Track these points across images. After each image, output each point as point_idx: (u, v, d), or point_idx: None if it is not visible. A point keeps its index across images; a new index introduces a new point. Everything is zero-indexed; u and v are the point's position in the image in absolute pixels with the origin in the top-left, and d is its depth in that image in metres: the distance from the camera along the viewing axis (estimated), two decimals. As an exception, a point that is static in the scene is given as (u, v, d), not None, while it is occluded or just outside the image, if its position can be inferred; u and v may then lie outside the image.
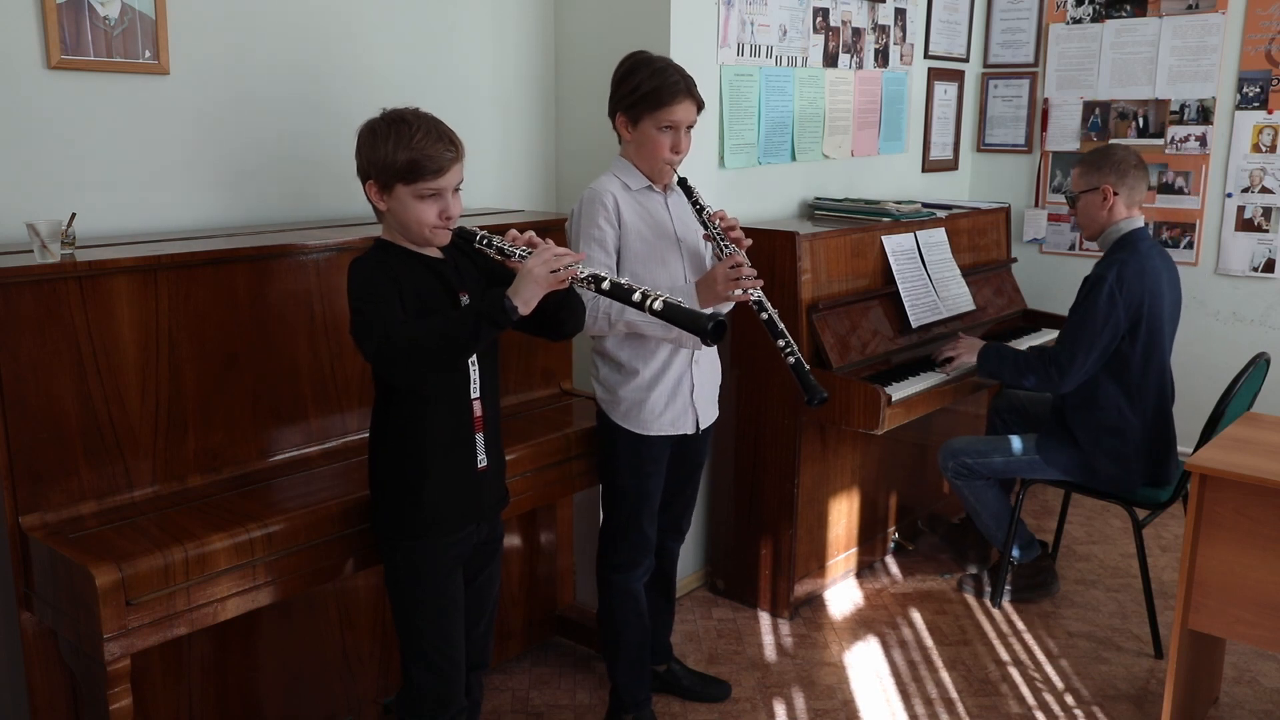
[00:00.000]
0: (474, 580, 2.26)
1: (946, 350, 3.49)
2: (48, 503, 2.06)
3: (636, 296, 2.01)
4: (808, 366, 2.48)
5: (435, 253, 2.09)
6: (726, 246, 2.45)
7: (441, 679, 2.17)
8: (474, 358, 2.10)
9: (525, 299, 1.92)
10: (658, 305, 2.00)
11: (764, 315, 2.48)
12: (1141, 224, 3.27)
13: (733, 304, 2.60)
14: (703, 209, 2.49)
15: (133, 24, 2.40)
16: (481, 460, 2.16)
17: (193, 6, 2.51)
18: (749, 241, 2.51)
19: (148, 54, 2.44)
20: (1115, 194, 3.23)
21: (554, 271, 1.94)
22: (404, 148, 1.95)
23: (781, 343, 2.46)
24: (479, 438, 2.14)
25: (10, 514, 2.03)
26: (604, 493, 2.72)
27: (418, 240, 2.05)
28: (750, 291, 2.45)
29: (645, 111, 2.44)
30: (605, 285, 2.02)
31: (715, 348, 2.70)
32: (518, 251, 2.02)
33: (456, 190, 2.04)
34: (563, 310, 2.13)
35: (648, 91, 2.42)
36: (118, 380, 2.14)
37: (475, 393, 2.12)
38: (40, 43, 2.27)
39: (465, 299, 2.09)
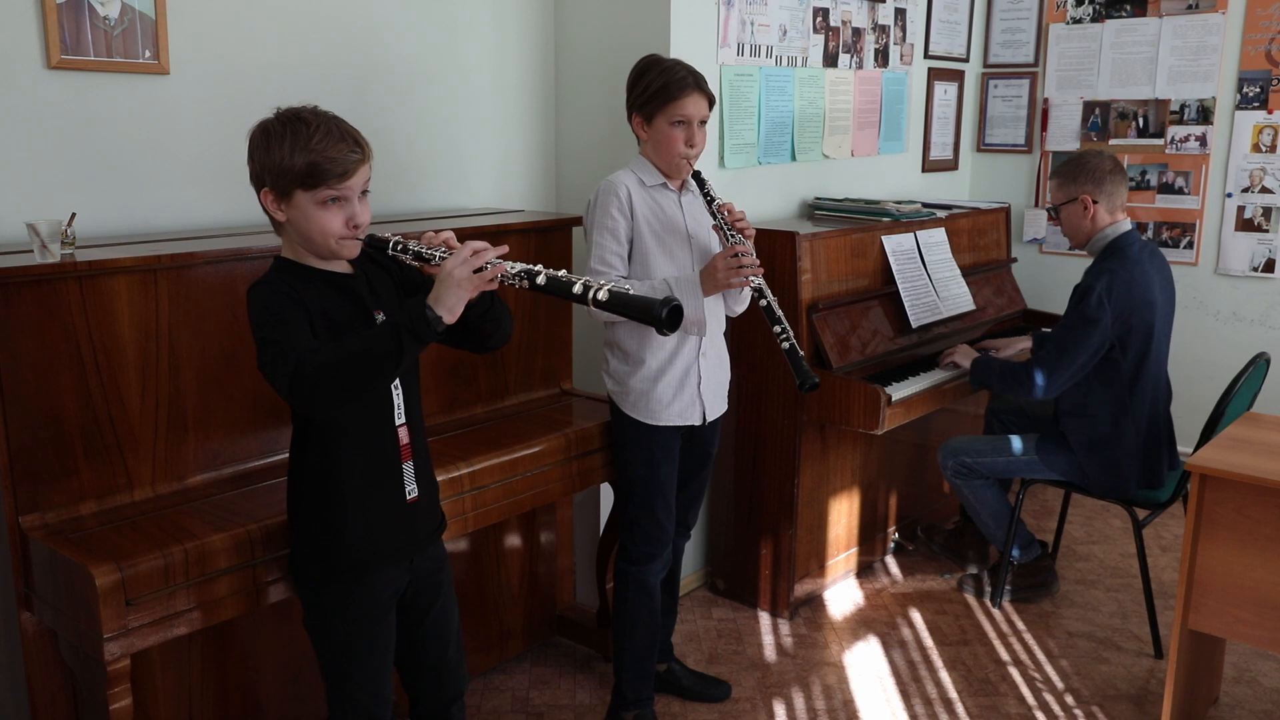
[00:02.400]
0: (427, 615, 2.08)
1: (945, 355, 3.54)
2: (48, 503, 2.06)
3: (577, 289, 1.77)
4: (802, 352, 2.50)
5: (344, 267, 1.90)
6: (732, 236, 2.49)
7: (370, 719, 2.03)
8: (395, 380, 1.92)
9: (449, 306, 1.73)
10: (602, 295, 1.76)
11: (763, 302, 2.51)
12: (1129, 227, 3.24)
13: (739, 295, 2.66)
14: (713, 199, 2.54)
15: (133, 24, 2.40)
16: (411, 491, 1.98)
17: (193, 6, 2.51)
18: (753, 232, 2.55)
19: (148, 54, 2.44)
20: (1095, 202, 3.21)
21: (477, 271, 1.74)
22: (301, 149, 1.76)
23: (778, 329, 2.50)
24: (407, 467, 1.97)
25: (10, 514, 2.02)
26: (619, 484, 2.77)
27: (323, 253, 1.85)
28: (751, 279, 2.48)
29: (657, 108, 2.50)
30: (540, 280, 1.79)
31: (724, 341, 2.74)
32: (437, 254, 1.82)
33: (364, 195, 1.85)
34: (486, 322, 1.92)
35: (658, 88, 2.49)
36: (118, 380, 2.14)
37: (400, 419, 1.95)
38: (40, 43, 2.27)
39: (380, 317, 1.91)
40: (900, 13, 4.23)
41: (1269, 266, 4.43)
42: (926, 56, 4.52)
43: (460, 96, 3.16)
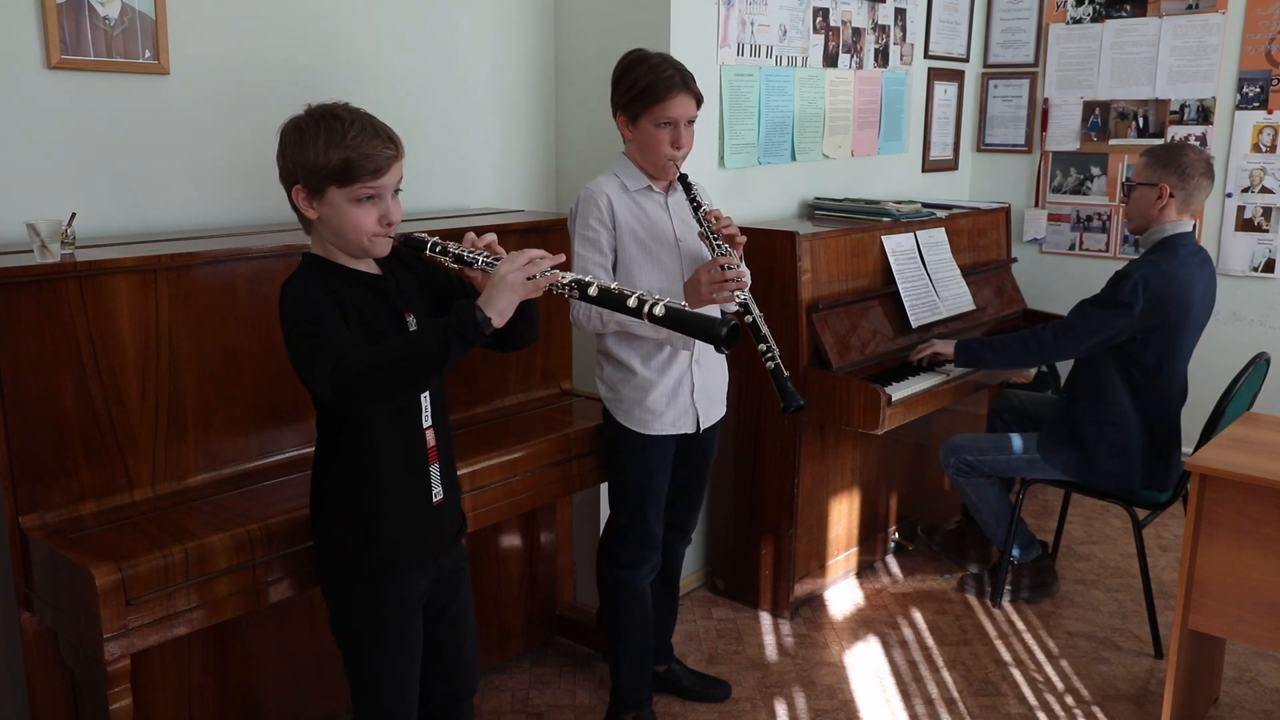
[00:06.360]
0: (445, 614, 2.10)
1: (921, 350, 3.45)
2: (48, 503, 2.06)
3: (632, 303, 1.80)
4: (786, 373, 2.43)
5: (372, 268, 1.90)
6: (719, 246, 2.42)
7: None
8: None
9: (500, 309, 1.74)
10: (659, 310, 1.78)
11: (748, 318, 2.43)
12: (1189, 229, 3.20)
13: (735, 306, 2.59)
14: (699, 206, 2.46)
15: (133, 24, 2.40)
16: (437, 493, 1.99)
17: (193, 6, 2.51)
18: (744, 239, 2.47)
19: (148, 54, 2.44)
20: (1172, 195, 3.17)
21: (530, 278, 1.76)
22: (337, 146, 1.76)
23: (763, 347, 2.42)
24: (434, 469, 1.98)
25: (10, 514, 2.03)
26: (610, 490, 2.73)
27: (355, 251, 1.85)
28: (736, 294, 2.40)
29: (643, 109, 2.42)
30: (593, 292, 1.81)
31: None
32: (480, 258, 1.84)
33: (396, 193, 1.85)
34: (520, 320, 1.87)
35: (644, 88, 2.40)
36: (118, 380, 2.14)
37: (427, 421, 1.96)
38: (40, 43, 2.27)
39: (411, 319, 1.92)
40: (900, 13, 4.23)
41: (1269, 266, 4.43)
42: (926, 56, 4.52)
43: (460, 96, 3.16)
